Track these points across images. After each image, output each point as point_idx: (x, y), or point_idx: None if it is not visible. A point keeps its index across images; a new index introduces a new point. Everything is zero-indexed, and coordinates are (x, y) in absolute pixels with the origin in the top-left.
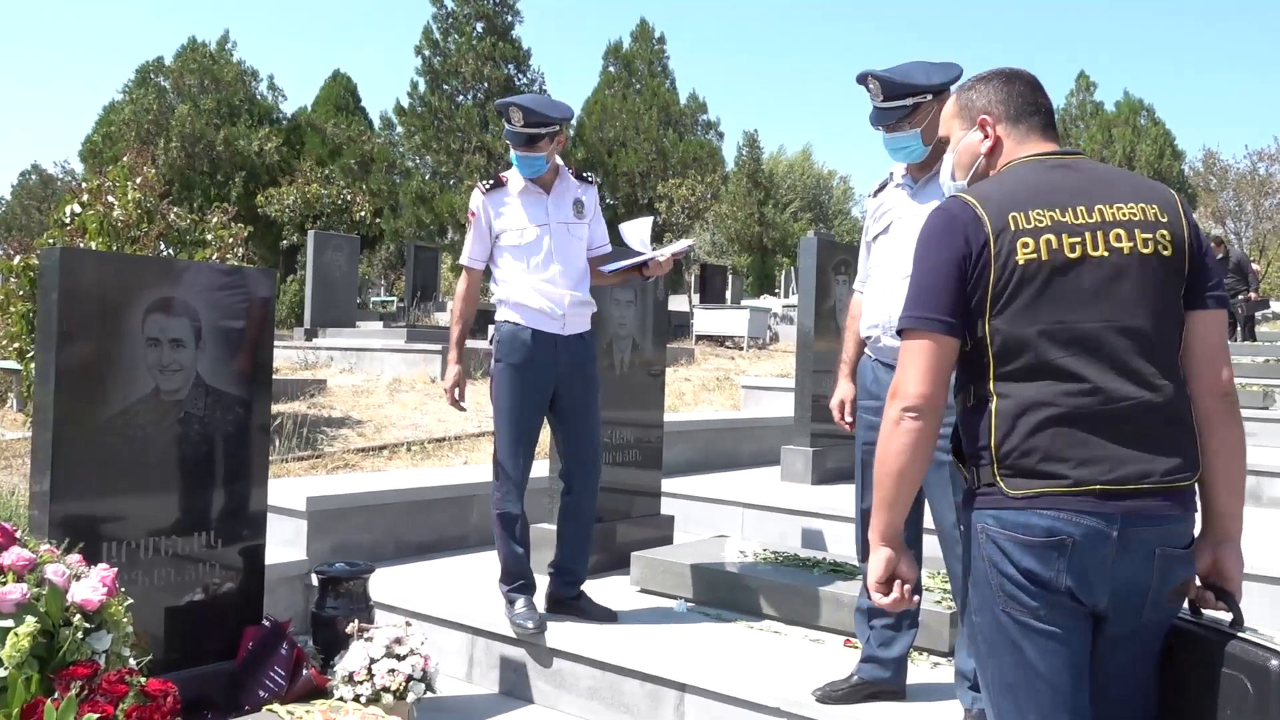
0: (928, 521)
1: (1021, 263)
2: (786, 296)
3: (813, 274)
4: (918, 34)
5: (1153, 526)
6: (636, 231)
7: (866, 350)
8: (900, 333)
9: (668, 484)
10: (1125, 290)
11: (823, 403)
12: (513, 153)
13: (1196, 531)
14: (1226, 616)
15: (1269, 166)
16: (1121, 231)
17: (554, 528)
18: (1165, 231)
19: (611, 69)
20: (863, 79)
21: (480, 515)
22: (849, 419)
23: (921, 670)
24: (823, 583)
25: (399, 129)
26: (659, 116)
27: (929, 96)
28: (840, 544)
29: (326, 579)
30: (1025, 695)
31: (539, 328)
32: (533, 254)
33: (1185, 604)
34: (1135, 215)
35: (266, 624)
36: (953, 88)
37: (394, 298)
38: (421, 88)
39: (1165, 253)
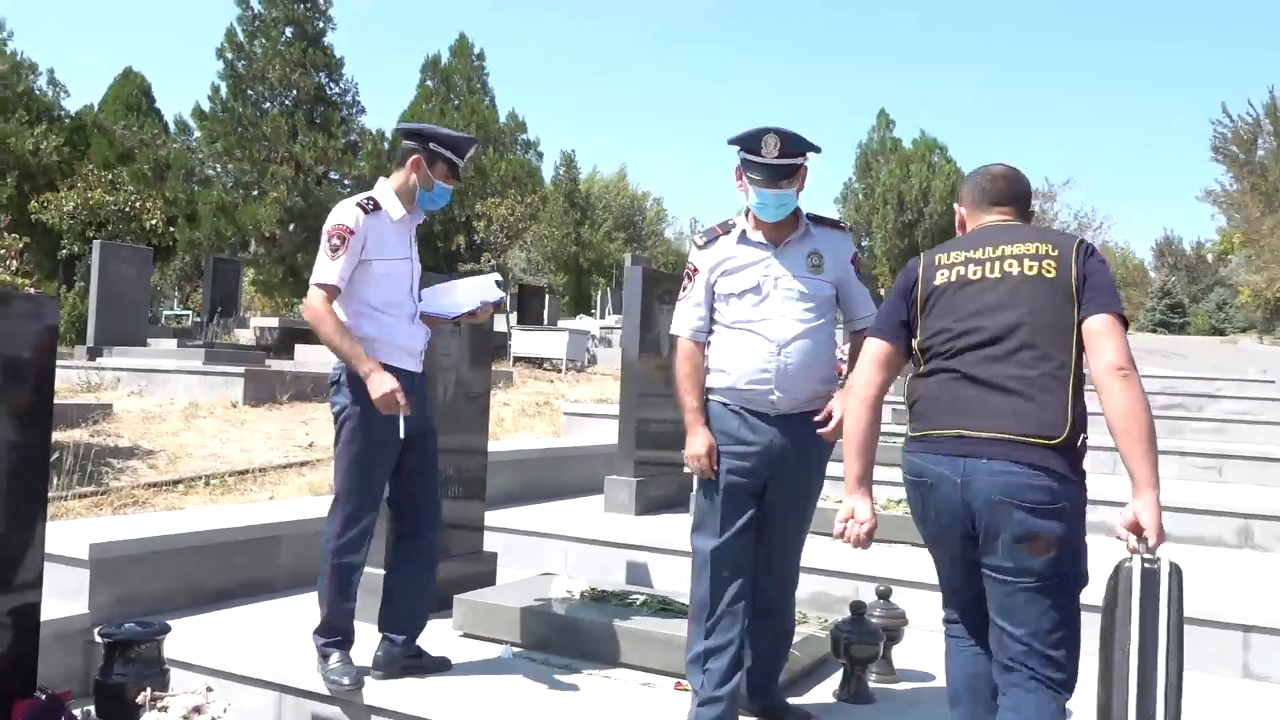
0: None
1: (937, 284)
2: (603, 318)
3: (637, 303)
4: (730, 66)
5: (993, 476)
6: (478, 293)
7: (725, 399)
8: (866, 335)
9: (489, 517)
10: (1010, 298)
11: (647, 429)
12: (438, 184)
13: (1061, 491)
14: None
15: (1042, 204)
16: (1014, 260)
17: (379, 572)
18: (1051, 261)
19: (429, 83)
20: (760, 134)
21: (289, 556)
22: (717, 467)
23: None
24: (652, 623)
25: (198, 134)
26: (478, 134)
27: (808, 158)
28: (665, 578)
29: (114, 642)
30: (937, 566)
31: (403, 366)
32: (401, 287)
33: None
34: (1028, 250)
35: (40, 696)
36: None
37: (189, 311)
38: (224, 92)
39: (1049, 275)
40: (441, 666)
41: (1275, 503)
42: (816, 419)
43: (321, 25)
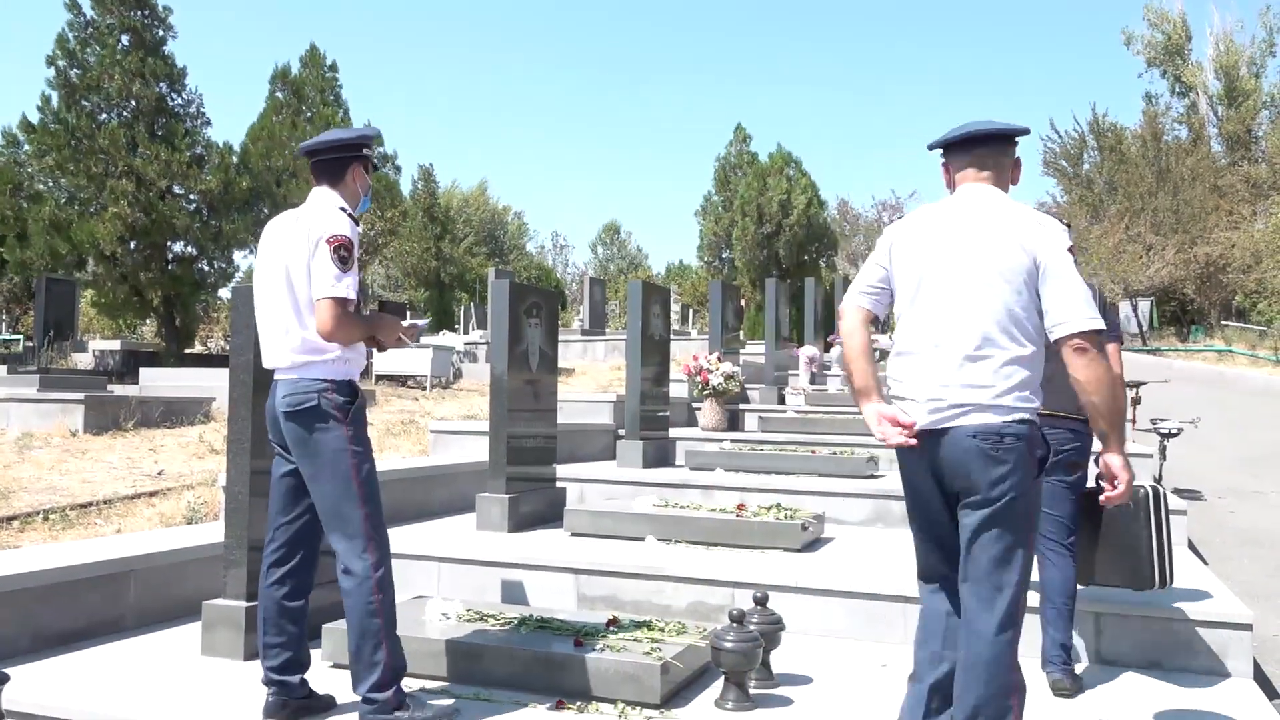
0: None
1: None
2: (467, 333)
3: (505, 318)
4: (588, 79)
5: (1055, 431)
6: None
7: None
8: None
9: None
10: None
11: (518, 444)
12: (366, 196)
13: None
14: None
15: (891, 215)
16: None
17: (240, 604)
18: None
19: (279, 94)
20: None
21: (139, 592)
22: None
23: None
24: (530, 642)
25: (27, 147)
26: None
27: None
28: (541, 595)
29: None
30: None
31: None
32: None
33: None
34: None
35: None
36: None
37: (19, 336)
38: (55, 102)
39: None
40: (329, 705)
41: None
42: None
43: (161, 33)
